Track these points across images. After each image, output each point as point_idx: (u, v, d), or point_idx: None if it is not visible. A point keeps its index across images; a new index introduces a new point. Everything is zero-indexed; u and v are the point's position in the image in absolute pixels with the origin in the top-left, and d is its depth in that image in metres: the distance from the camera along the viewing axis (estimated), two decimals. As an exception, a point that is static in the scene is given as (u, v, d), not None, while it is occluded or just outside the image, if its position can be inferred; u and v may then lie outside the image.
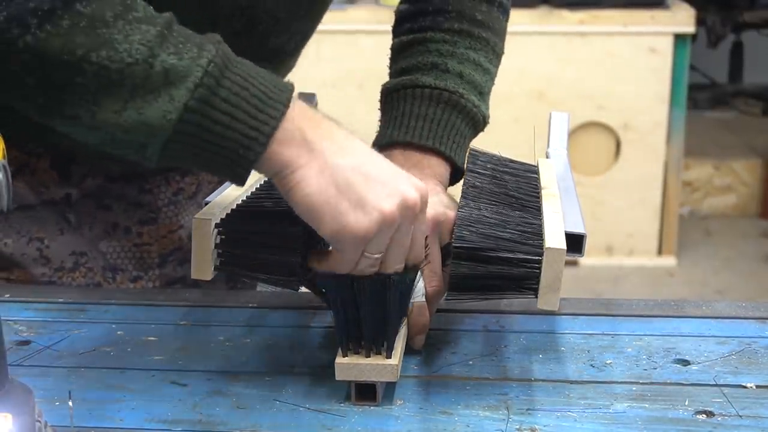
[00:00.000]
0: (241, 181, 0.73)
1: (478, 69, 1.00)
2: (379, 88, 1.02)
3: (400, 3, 1.06)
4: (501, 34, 1.04)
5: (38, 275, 1.03)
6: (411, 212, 0.74)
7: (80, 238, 1.06)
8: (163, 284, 1.11)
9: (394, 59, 1.04)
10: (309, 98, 1.12)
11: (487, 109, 1.01)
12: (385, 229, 0.73)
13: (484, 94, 1.01)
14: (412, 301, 0.83)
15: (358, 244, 0.72)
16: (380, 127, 0.98)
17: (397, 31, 1.05)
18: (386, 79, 1.02)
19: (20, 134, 1.00)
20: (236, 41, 0.76)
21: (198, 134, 0.70)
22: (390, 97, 0.99)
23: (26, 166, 1.02)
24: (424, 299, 0.84)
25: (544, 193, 0.87)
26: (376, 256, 0.74)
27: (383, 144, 0.95)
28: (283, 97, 0.71)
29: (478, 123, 0.99)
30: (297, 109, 0.72)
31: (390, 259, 0.76)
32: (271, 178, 0.73)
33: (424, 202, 0.75)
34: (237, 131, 0.70)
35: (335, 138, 0.73)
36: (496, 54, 1.03)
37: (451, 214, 0.86)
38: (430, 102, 0.96)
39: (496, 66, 1.04)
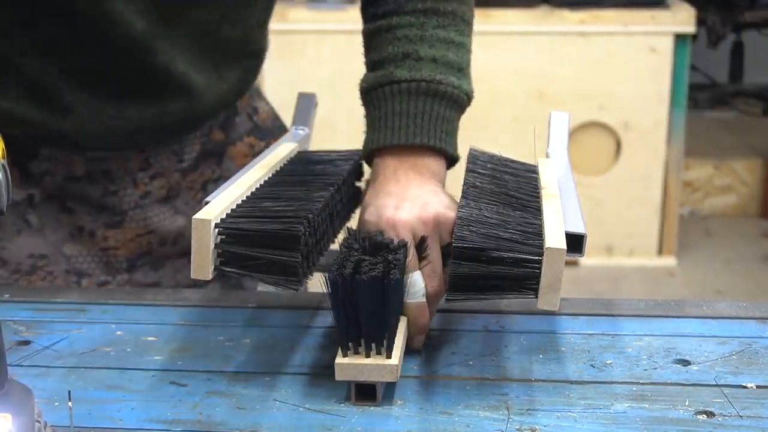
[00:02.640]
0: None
1: (451, 47, 0.97)
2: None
3: None
4: (468, 1, 1.01)
5: None
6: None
7: (40, 241, 1.04)
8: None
9: (366, 49, 1.02)
10: (309, 98, 1.12)
11: (470, 83, 0.98)
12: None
13: (462, 69, 0.98)
14: (412, 301, 0.83)
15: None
16: (367, 129, 0.97)
17: (364, 16, 1.03)
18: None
19: None
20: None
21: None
22: (369, 96, 0.97)
23: None
24: (424, 299, 0.84)
25: (544, 192, 0.87)
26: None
27: (373, 149, 0.95)
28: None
29: (462, 102, 0.97)
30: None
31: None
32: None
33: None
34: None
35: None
36: (466, 22, 1.00)
37: (452, 214, 0.86)
38: (409, 96, 0.94)
39: (469, 35, 1.01)
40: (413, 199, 0.88)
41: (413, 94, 0.94)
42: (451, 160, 0.96)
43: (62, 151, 1.03)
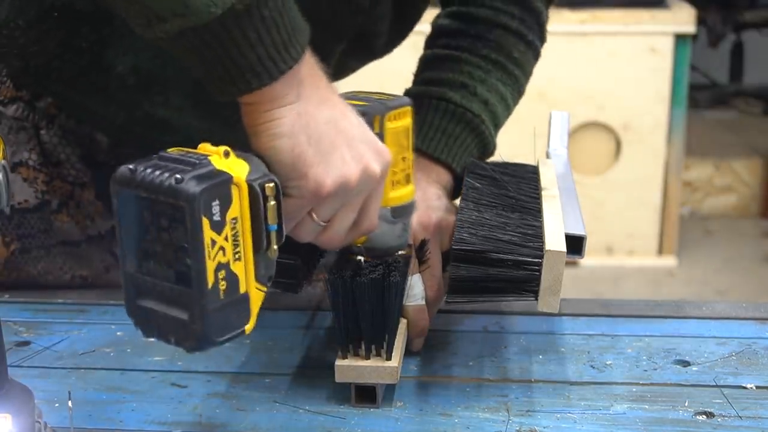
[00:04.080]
0: (223, 98, 0.68)
1: (501, 102, 1.02)
2: (379, 89, 1.01)
3: (442, 17, 1.07)
4: (529, 75, 1.08)
5: None
6: (371, 181, 0.71)
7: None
8: None
9: (423, 67, 1.04)
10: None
11: (495, 140, 1.02)
12: (341, 193, 0.70)
13: (498, 126, 1.02)
14: (412, 303, 0.83)
15: (312, 199, 0.69)
16: None
17: (431, 43, 1.06)
18: (386, 79, 1.02)
19: (65, 161, 0.98)
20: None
21: (221, 40, 0.65)
22: (415, 99, 0.99)
23: (71, 198, 1.00)
24: (423, 302, 0.84)
25: (544, 194, 0.87)
26: (321, 222, 0.71)
27: None
28: (303, 40, 0.68)
29: (488, 150, 1.01)
30: (307, 54, 0.70)
31: (336, 227, 0.72)
32: (244, 104, 0.69)
33: (384, 173, 0.73)
34: (257, 54, 0.66)
35: (321, 86, 0.70)
36: (520, 93, 1.06)
37: (452, 219, 0.86)
38: (452, 118, 0.98)
39: (515, 104, 1.06)
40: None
41: (457, 118, 0.98)
42: (459, 186, 0.96)
43: None
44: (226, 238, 0.61)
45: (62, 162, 0.99)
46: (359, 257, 0.79)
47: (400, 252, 0.81)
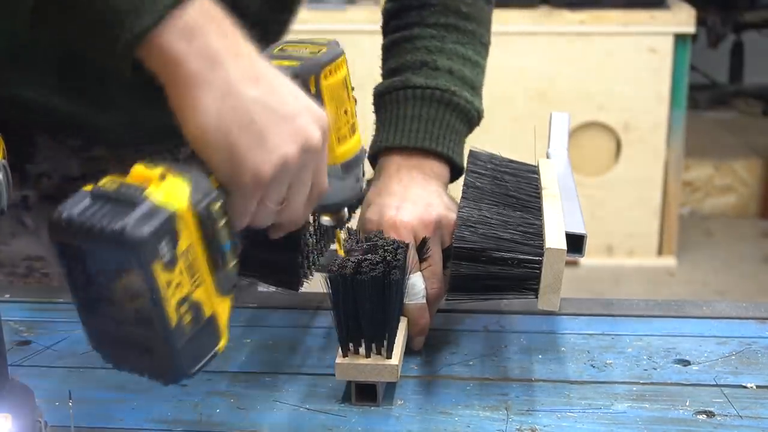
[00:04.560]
0: (121, 63, 0.62)
1: (467, 63, 0.99)
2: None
3: (386, 2, 1.05)
4: (487, 24, 1.04)
5: None
6: (313, 153, 0.67)
7: (37, 243, 1.02)
8: None
9: (384, 59, 1.03)
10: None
11: (481, 103, 1.00)
12: (284, 174, 0.66)
13: (476, 88, 0.99)
14: (413, 302, 0.83)
15: (256, 188, 0.65)
16: (376, 130, 0.97)
17: (385, 30, 1.04)
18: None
19: None
20: None
21: None
22: (383, 99, 0.98)
23: None
24: (424, 300, 0.84)
25: (544, 193, 0.87)
26: (275, 206, 0.68)
27: (381, 148, 0.95)
28: None
29: (472, 118, 0.98)
30: (205, 4, 0.63)
31: (293, 205, 0.69)
32: (164, 87, 0.63)
33: (325, 138, 0.69)
34: None
35: (242, 54, 0.64)
36: (484, 45, 1.03)
37: (453, 216, 0.86)
38: (422, 102, 0.95)
39: (485, 57, 1.03)
40: (415, 200, 0.88)
41: (427, 100, 0.95)
42: (456, 171, 0.96)
43: (61, 148, 1.01)
44: (181, 272, 0.59)
45: None
46: (322, 220, 0.78)
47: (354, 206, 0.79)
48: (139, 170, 0.60)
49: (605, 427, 0.73)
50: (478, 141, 1.02)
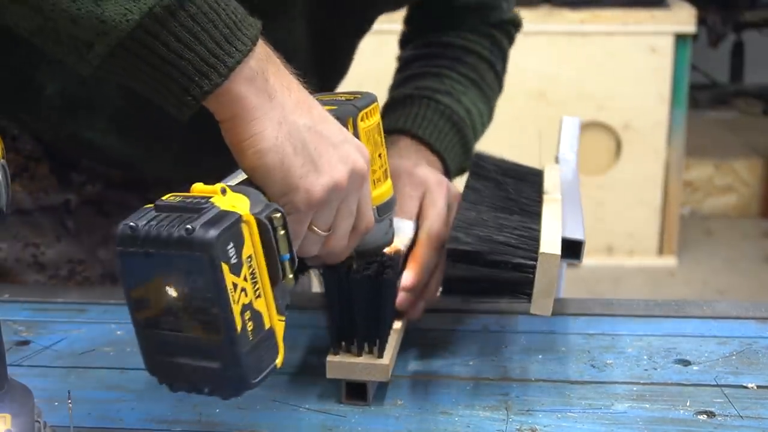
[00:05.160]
0: (185, 112, 0.66)
1: (479, 117, 1.06)
2: (380, 88, 1.02)
3: (415, 47, 1.10)
4: (494, 106, 1.11)
5: (31, 281, 1.03)
6: (360, 180, 0.70)
7: (78, 246, 1.05)
8: None
9: (404, 81, 1.07)
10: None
11: (474, 148, 1.05)
12: (335, 197, 0.69)
13: (476, 137, 1.06)
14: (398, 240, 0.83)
15: (308, 210, 0.68)
16: (392, 114, 1.01)
17: (407, 65, 1.09)
18: (386, 78, 1.02)
19: (20, 136, 1.00)
20: None
21: (153, 47, 0.63)
22: (406, 98, 1.02)
23: (25, 170, 1.02)
24: (403, 247, 0.84)
25: (545, 197, 0.87)
26: (323, 232, 0.70)
27: (395, 128, 0.98)
28: (252, 33, 0.66)
29: (468, 155, 1.03)
30: (262, 48, 0.67)
31: (338, 233, 0.72)
32: (221, 122, 0.67)
33: (368, 167, 0.72)
34: (197, 54, 0.63)
35: (293, 89, 0.69)
36: (490, 116, 1.10)
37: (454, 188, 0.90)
38: (441, 115, 1.00)
39: (486, 127, 1.09)
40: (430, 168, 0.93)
41: (445, 116, 1.01)
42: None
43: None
44: (245, 279, 0.59)
45: (16, 137, 1.00)
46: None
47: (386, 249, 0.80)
48: (200, 187, 0.62)
49: (605, 427, 0.73)
50: (478, 141, 1.02)
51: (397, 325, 0.82)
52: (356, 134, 0.74)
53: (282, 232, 0.63)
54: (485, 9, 1.09)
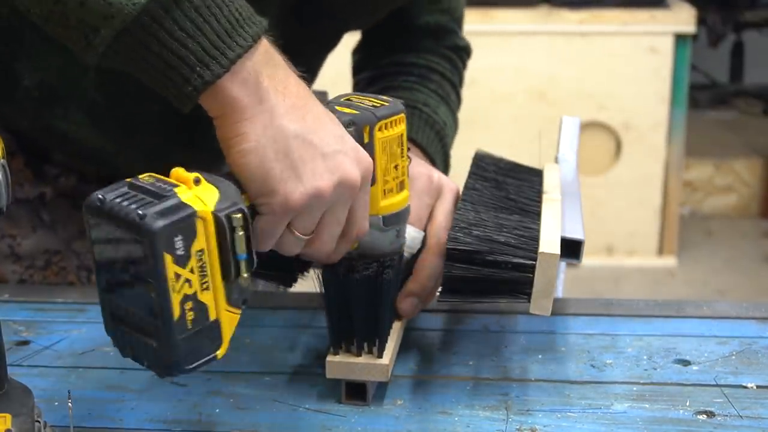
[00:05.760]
0: (186, 103, 0.67)
1: (450, 131, 1.05)
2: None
3: (379, 66, 1.10)
4: (456, 127, 1.10)
5: (8, 272, 1.04)
6: (349, 191, 0.70)
7: (54, 237, 1.06)
8: None
9: (378, 93, 1.06)
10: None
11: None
12: (316, 205, 0.69)
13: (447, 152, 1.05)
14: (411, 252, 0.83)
15: (283, 214, 0.68)
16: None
17: (373, 81, 1.08)
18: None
19: None
20: None
21: (157, 34, 0.64)
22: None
23: None
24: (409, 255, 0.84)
25: (545, 197, 0.87)
26: (303, 236, 0.71)
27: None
28: (254, 31, 0.67)
29: (447, 166, 1.03)
30: (264, 49, 0.68)
31: (323, 238, 0.72)
32: (214, 118, 0.68)
33: (365, 179, 0.72)
34: (200, 45, 0.65)
35: (289, 94, 0.69)
36: (454, 134, 1.09)
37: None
38: (427, 125, 1.00)
39: (451, 144, 1.09)
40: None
41: (430, 125, 1.01)
42: None
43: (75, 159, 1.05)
44: (191, 271, 0.61)
45: None
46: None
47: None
48: (178, 172, 0.64)
49: (605, 427, 0.73)
50: (478, 140, 1.02)
51: (397, 325, 0.82)
52: (371, 143, 0.75)
53: (241, 232, 0.64)
54: (442, 32, 1.10)
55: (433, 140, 1.00)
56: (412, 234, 0.83)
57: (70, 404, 0.72)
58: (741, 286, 3.17)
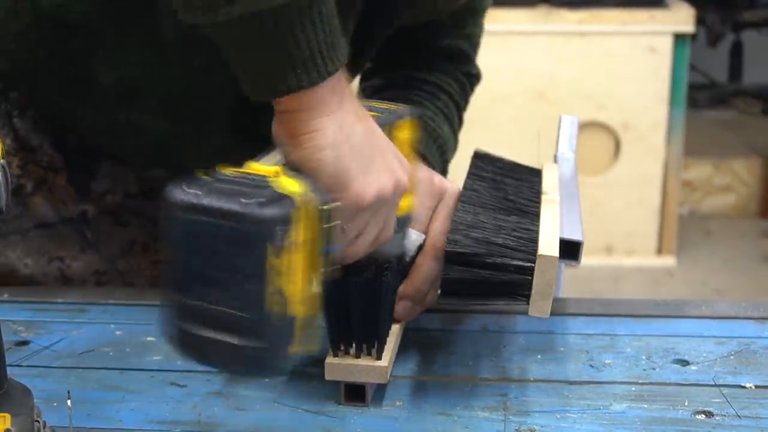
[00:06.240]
0: (264, 96, 0.67)
1: (450, 154, 1.05)
2: None
3: (375, 79, 1.10)
4: (455, 148, 1.10)
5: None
6: (400, 192, 0.72)
7: (99, 257, 1.05)
8: None
9: (392, 92, 1.06)
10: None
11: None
12: (376, 206, 0.70)
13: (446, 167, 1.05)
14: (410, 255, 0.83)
15: (352, 211, 0.69)
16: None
17: (377, 93, 1.07)
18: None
19: (39, 147, 1.00)
20: None
21: (281, 29, 0.64)
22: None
23: (44, 182, 1.01)
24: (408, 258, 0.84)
25: (544, 198, 0.87)
26: (351, 238, 0.71)
27: None
28: (345, 49, 0.69)
29: (444, 173, 1.02)
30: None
31: (361, 242, 0.72)
32: (282, 113, 0.68)
33: (407, 184, 0.74)
34: (310, 50, 0.65)
35: (351, 96, 0.71)
36: (453, 152, 1.08)
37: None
38: (429, 137, 1.00)
39: (450, 160, 1.08)
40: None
41: (433, 139, 1.01)
42: None
43: (123, 168, 1.04)
44: (285, 262, 0.60)
45: (35, 148, 1.00)
46: None
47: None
48: (255, 166, 0.63)
49: (604, 427, 0.73)
50: (478, 140, 1.02)
51: (396, 326, 0.82)
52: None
53: (333, 223, 0.64)
54: (460, 56, 1.10)
55: (434, 153, 1.00)
56: (412, 237, 0.83)
57: (69, 404, 0.72)
58: (740, 286, 3.17)
